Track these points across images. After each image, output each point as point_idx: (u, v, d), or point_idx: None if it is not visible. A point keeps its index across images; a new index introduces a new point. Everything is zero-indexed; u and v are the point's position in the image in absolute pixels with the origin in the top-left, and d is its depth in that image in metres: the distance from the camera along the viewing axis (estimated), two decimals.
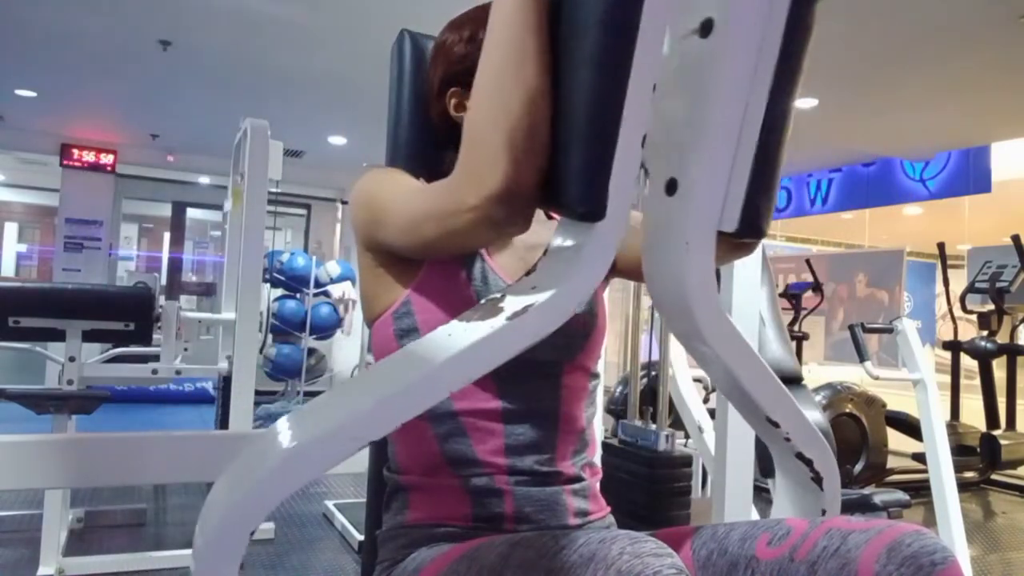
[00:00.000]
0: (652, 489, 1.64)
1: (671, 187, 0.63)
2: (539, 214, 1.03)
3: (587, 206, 0.60)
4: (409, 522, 0.89)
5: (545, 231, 1.01)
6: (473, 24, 0.96)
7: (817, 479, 0.80)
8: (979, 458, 4.52)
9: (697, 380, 2.90)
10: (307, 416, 0.57)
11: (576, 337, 0.93)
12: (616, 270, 1.09)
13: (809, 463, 0.79)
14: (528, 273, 0.66)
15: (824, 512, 0.81)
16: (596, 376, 1.00)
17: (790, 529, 0.75)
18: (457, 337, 0.59)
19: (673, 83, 0.62)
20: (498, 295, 0.63)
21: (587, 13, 0.58)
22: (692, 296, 0.65)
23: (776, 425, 0.76)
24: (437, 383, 0.57)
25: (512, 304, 0.60)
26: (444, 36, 0.99)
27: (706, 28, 0.59)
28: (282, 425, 0.56)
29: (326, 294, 6.56)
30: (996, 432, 4.55)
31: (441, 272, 0.89)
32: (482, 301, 0.64)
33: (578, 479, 0.92)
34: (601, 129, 0.58)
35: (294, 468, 0.53)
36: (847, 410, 4.06)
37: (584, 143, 0.59)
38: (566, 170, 0.61)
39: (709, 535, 0.83)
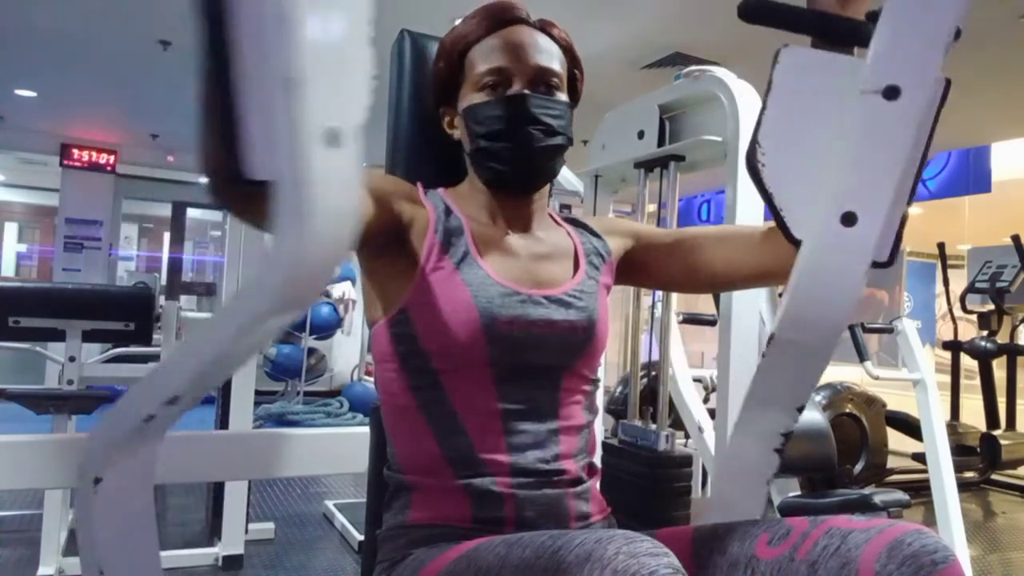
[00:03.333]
0: (652, 489, 1.64)
1: (848, 219, 0.71)
2: (546, 221, 1.03)
3: (227, 169, 0.54)
4: (409, 522, 0.89)
5: (552, 238, 1.01)
6: (442, 43, 0.99)
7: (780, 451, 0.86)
8: (979, 458, 4.51)
9: (697, 380, 2.90)
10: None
11: (576, 345, 0.93)
12: (646, 279, 1.10)
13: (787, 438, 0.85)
14: None
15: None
16: (596, 381, 1.00)
17: (790, 528, 0.75)
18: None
19: (851, 131, 0.72)
20: None
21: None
22: (844, 320, 0.75)
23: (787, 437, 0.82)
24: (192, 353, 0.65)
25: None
26: (435, 62, 1.02)
27: (892, 93, 0.70)
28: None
29: (326, 294, 6.56)
30: (996, 432, 4.55)
31: (437, 278, 0.89)
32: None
33: (580, 480, 0.92)
34: (215, 80, 0.53)
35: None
36: (847, 410, 4.06)
37: (208, 101, 0.54)
38: (207, 136, 0.57)
39: (708, 534, 0.83)
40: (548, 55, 0.95)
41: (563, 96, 0.96)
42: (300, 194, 0.51)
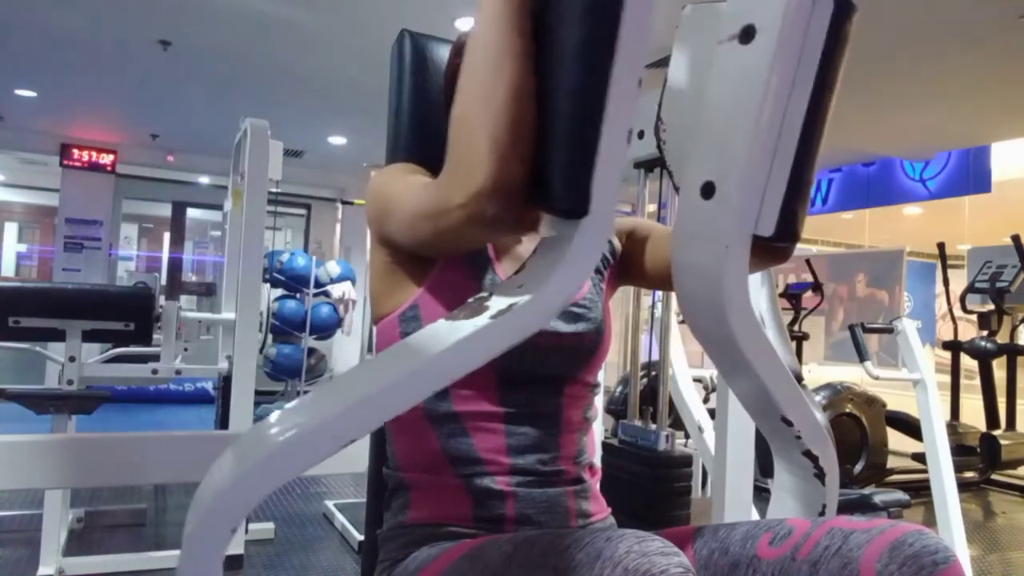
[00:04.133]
0: (652, 489, 1.64)
1: (707, 190, 0.63)
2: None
3: (570, 203, 0.59)
4: (410, 521, 0.89)
5: None
6: (462, 40, 0.98)
7: (820, 475, 0.80)
8: (979, 458, 4.52)
9: (697, 380, 2.90)
10: (292, 414, 0.56)
11: (582, 355, 0.93)
12: (632, 277, 1.10)
13: (815, 460, 0.79)
14: (517, 272, 0.66)
15: (824, 507, 0.81)
16: (597, 386, 1.00)
17: (792, 529, 0.75)
18: (441, 336, 0.59)
19: (708, 87, 0.64)
20: (485, 294, 0.62)
21: (569, 6, 0.59)
22: (728, 299, 0.65)
23: (790, 424, 0.77)
24: (418, 382, 0.57)
25: (498, 303, 0.60)
26: (451, 58, 1.01)
27: (747, 34, 0.61)
28: (267, 422, 0.56)
29: (326, 294, 6.55)
30: (996, 432, 4.55)
31: (451, 278, 0.89)
32: (470, 300, 0.64)
33: (580, 480, 0.92)
34: (583, 125, 0.58)
35: (276, 466, 0.53)
36: (847, 410, 4.06)
37: (567, 139, 0.59)
38: (550, 167, 0.61)
39: (711, 535, 0.83)
40: None
41: None
42: (605, 233, 0.59)
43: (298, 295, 6.43)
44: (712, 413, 2.12)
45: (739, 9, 0.61)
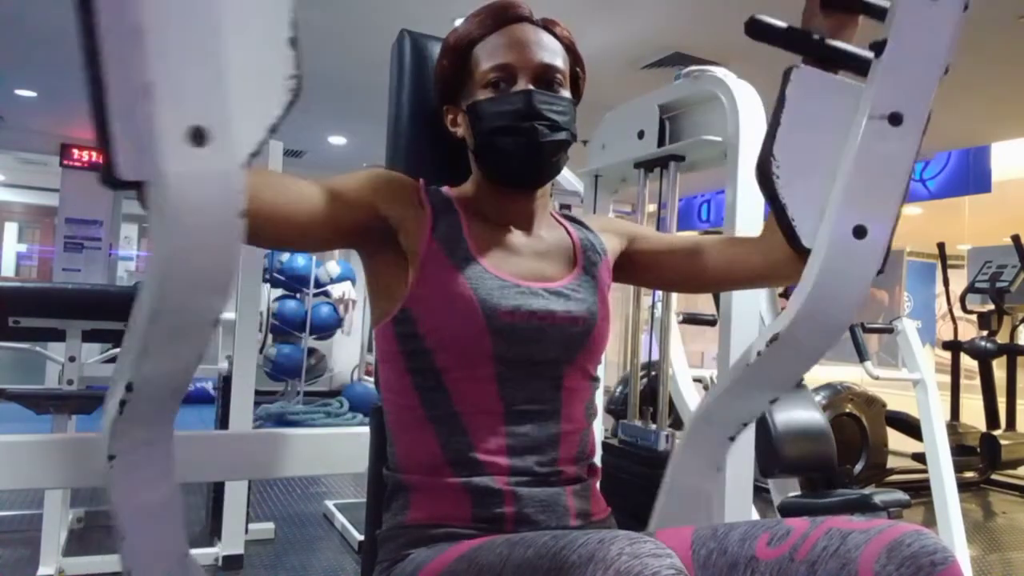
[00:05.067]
0: (652, 489, 1.64)
1: (860, 232, 0.79)
2: (548, 219, 1.03)
3: (102, 174, 0.55)
4: (409, 522, 0.89)
5: (553, 237, 1.01)
6: (454, 41, 0.98)
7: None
8: (979, 458, 4.52)
9: (697, 380, 2.89)
10: None
11: (576, 336, 0.93)
12: (636, 278, 1.11)
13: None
14: None
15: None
16: (596, 380, 1.00)
17: (790, 529, 0.75)
18: None
19: (860, 151, 0.80)
20: None
21: None
22: (851, 321, 0.86)
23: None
24: None
25: None
26: (439, 59, 1.02)
27: (896, 119, 0.79)
28: None
29: (326, 294, 6.56)
30: (996, 432, 4.55)
31: (435, 275, 0.89)
32: None
33: (579, 479, 0.92)
34: (90, 87, 0.54)
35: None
36: (847, 410, 4.06)
37: (89, 104, 0.55)
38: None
39: (709, 535, 0.83)
40: (551, 52, 0.95)
41: (566, 93, 0.97)
42: (164, 193, 0.52)
43: (298, 295, 6.43)
44: None
45: (887, 97, 0.79)
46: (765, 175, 0.82)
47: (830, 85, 0.85)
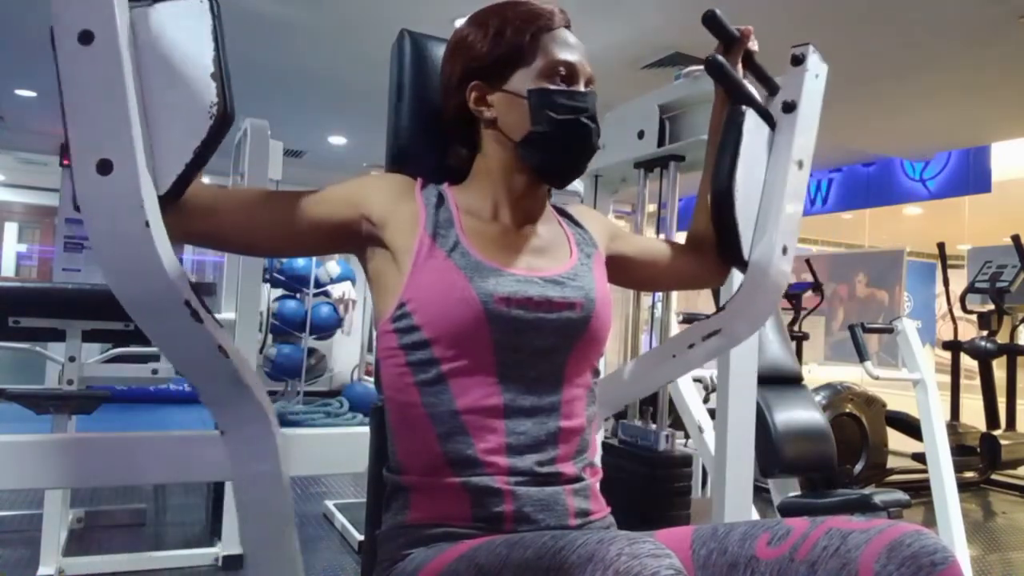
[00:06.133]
0: (652, 489, 1.64)
1: (784, 250, 1.09)
2: (548, 215, 1.04)
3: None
4: (409, 522, 0.89)
5: (550, 232, 1.01)
6: (497, 20, 0.98)
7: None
8: (979, 458, 4.52)
9: (697, 380, 2.89)
10: None
11: (575, 322, 0.93)
12: (621, 281, 1.12)
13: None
14: None
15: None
16: (598, 373, 1.00)
17: (790, 529, 0.75)
18: None
19: (786, 189, 1.07)
20: None
21: None
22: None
23: None
24: None
25: None
26: (465, 31, 1.01)
27: (800, 165, 1.07)
28: None
29: (326, 294, 6.56)
30: (996, 432, 4.55)
31: (430, 269, 0.89)
32: None
33: (579, 479, 0.92)
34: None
35: None
36: (847, 410, 4.06)
37: None
38: None
39: (709, 535, 0.83)
40: (581, 54, 1.00)
41: None
42: (85, 221, 0.69)
43: (298, 295, 6.43)
44: (712, 413, 2.12)
45: (798, 147, 1.10)
46: (729, 196, 1.01)
47: (761, 129, 1.09)
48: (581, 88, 0.97)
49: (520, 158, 0.97)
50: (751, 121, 1.04)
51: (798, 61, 1.09)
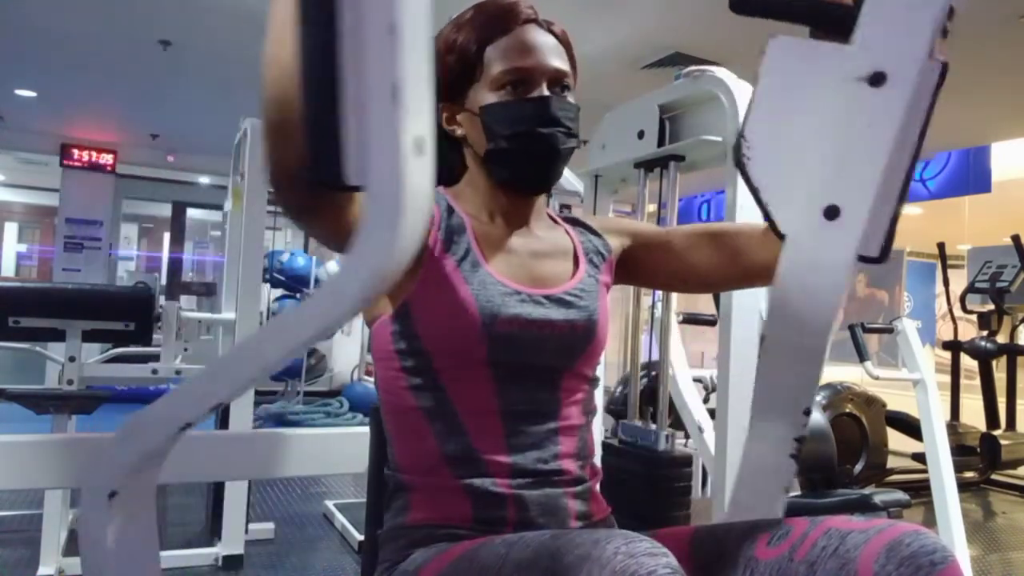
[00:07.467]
0: (652, 489, 1.64)
1: (832, 213, 0.69)
2: (545, 221, 1.03)
3: (320, 173, 0.55)
4: (410, 523, 0.89)
5: (552, 237, 1.01)
6: (454, 32, 0.96)
7: (795, 456, 0.83)
8: (979, 458, 4.51)
9: (697, 380, 2.89)
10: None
11: (576, 344, 0.93)
12: (638, 278, 1.10)
13: (800, 441, 0.82)
14: None
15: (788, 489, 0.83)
16: (595, 381, 1.00)
17: (789, 529, 0.75)
18: (280, 317, 0.63)
19: (826, 119, 0.71)
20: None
21: None
22: (833, 317, 0.71)
23: (808, 414, 0.79)
24: (255, 356, 0.61)
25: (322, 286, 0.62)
26: (434, 46, 0.99)
27: (877, 79, 0.68)
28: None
29: None
30: (996, 432, 4.55)
31: (439, 278, 0.89)
32: None
33: (580, 480, 0.92)
34: (318, 86, 0.54)
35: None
36: (847, 410, 4.06)
37: (308, 105, 0.55)
38: (305, 140, 0.58)
39: (708, 534, 0.83)
40: (560, 56, 0.95)
41: (573, 98, 0.97)
42: (394, 201, 0.52)
43: (298, 295, 6.43)
44: (712, 413, 2.12)
45: (866, 56, 0.68)
46: (737, 157, 0.76)
47: (813, 53, 0.73)
48: (538, 93, 0.92)
49: (490, 173, 0.96)
50: (778, 47, 0.75)
51: None
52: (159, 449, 0.69)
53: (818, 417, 2.46)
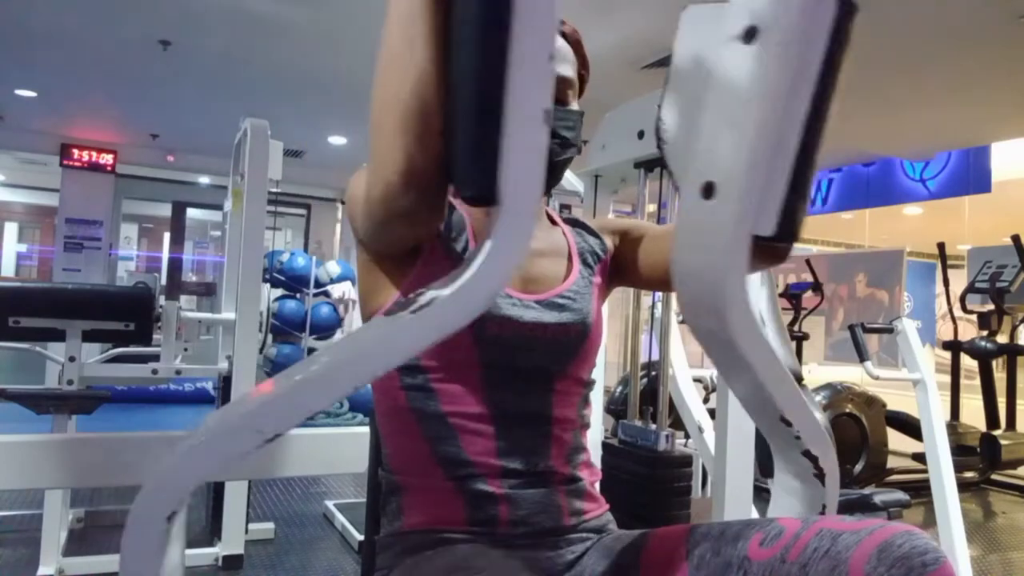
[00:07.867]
0: (652, 489, 1.64)
1: (708, 190, 0.61)
2: (543, 221, 1.03)
3: (474, 189, 0.57)
4: (405, 528, 0.89)
5: (548, 237, 1.01)
6: None
7: (820, 475, 0.80)
8: (979, 458, 4.52)
9: (697, 380, 2.89)
10: (224, 411, 0.58)
11: (568, 347, 0.93)
12: (627, 278, 1.09)
13: (815, 460, 0.79)
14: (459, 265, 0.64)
15: (824, 507, 0.81)
16: (590, 384, 0.99)
17: (782, 529, 0.75)
18: (368, 332, 0.60)
19: (710, 86, 0.62)
20: (424, 288, 0.60)
21: None
22: (729, 299, 0.63)
23: (789, 424, 0.76)
24: (338, 378, 0.57)
25: (424, 298, 0.58)
26: None
27: (750, 35, 0.59)
28: (206, 419, 0.58)
29: (326, 294, 6.56)
30: (996, 432, 4.55)
31: (434, 272, 0.88)
32: (410, 295, 0.61)
33: (573, 479, 0.92)
34: (483, 107, 0.56)
35: (200, 459, 0.56)
36: (847, 410, 4.06)
37: (468, 123, 0.57)
38: (457, 153, 0.60)
39: (703, 534, 0.83)
40: (563, 62, 0.94)
41: (576, 105, 0.96)
42: (527, 217, 0.57)
43: (298, 295, 6.43)
44: (712, 413, 2.12)
45: (742, 9, 0.60)
46: (657, 142, 0.71)
47: (710, 16, 0.67)
48: None
49: None
50: (690, 17, 0.71)
51: None
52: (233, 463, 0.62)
53: (818, 417, 2.46)
